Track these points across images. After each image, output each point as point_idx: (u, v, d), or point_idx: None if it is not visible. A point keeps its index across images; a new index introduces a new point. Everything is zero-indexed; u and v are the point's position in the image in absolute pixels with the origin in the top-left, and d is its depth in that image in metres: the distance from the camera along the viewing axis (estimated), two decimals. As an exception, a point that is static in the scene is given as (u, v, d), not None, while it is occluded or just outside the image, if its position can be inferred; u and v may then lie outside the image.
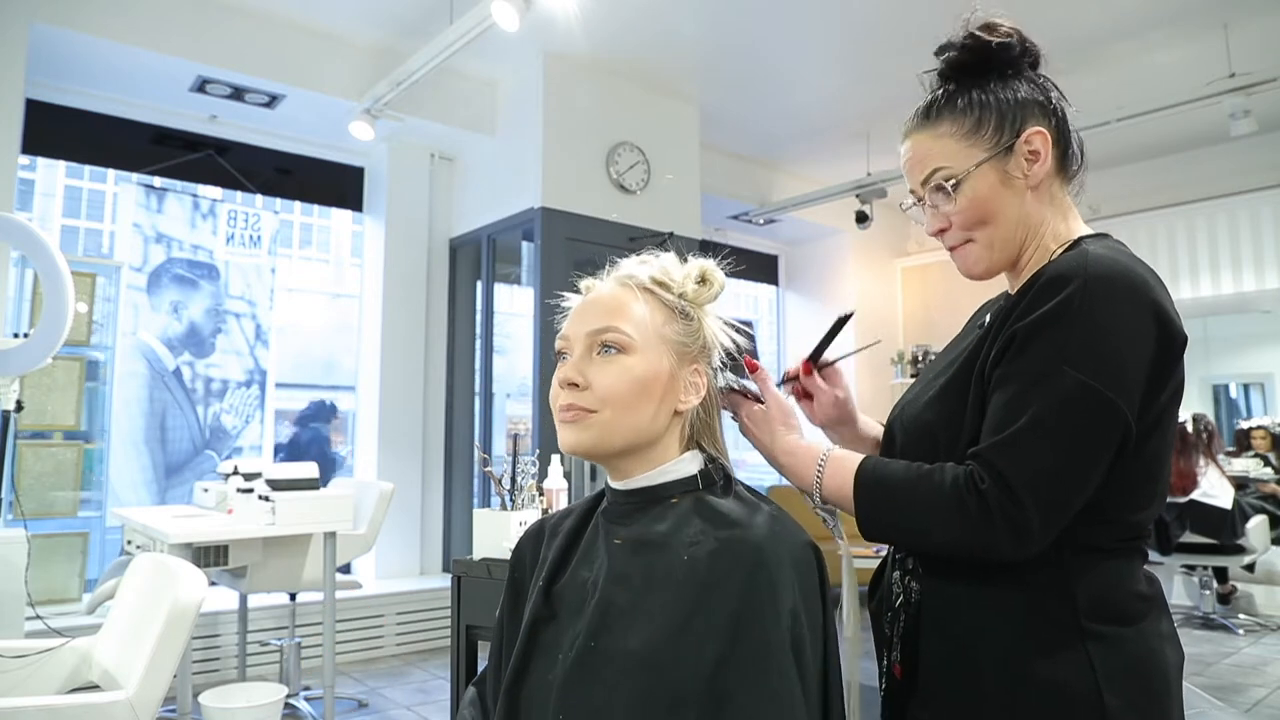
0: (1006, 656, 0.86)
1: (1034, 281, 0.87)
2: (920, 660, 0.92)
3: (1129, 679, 0.83)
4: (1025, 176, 0.93)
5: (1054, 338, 0.83)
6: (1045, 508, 0.80)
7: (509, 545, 2.13)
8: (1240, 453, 5.97)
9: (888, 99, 4.78)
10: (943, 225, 0.97)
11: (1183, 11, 3.93)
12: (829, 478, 0.93)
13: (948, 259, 1.02)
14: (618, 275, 0.97)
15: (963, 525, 0.82)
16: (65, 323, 2.52)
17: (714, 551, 0.85)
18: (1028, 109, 0.94)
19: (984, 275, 0.99)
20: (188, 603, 1.80)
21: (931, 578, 0.93)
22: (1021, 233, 0.95)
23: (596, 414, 0.90)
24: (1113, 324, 0.82)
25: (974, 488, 0.82)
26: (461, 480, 4.97)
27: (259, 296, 4.55)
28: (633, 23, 4.06)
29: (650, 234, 4.46)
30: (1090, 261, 0.84)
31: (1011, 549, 0.81)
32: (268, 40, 4.00)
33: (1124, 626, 0.85)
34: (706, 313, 0.97)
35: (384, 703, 3.52)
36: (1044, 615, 0.85)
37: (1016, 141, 0.93)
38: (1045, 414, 0.81)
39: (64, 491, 3.73)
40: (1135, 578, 0.89)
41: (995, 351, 0.88)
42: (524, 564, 1.02)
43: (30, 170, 6.65)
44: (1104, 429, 0.81)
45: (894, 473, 0.89)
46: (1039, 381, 0.82)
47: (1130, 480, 0.86)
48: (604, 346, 0.91)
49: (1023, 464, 0.81)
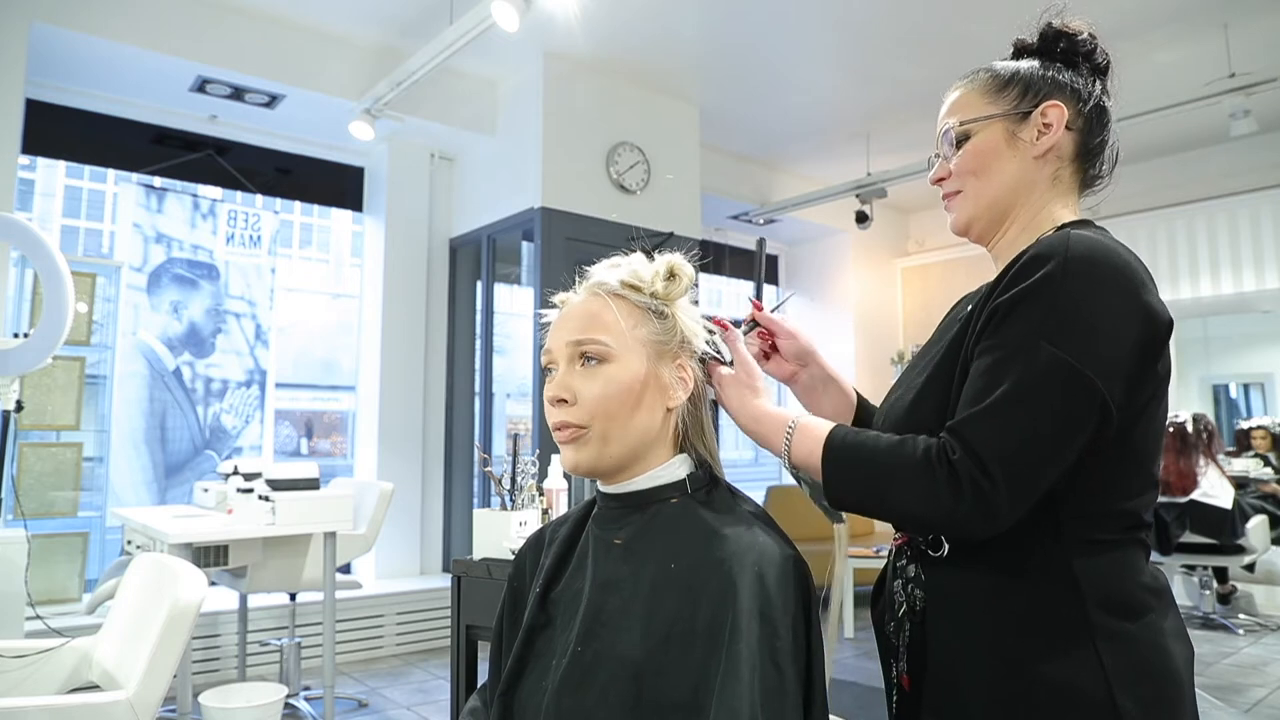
0: (1014, 659, 0.85)
1: (1017, 260, 0.88)
2: (928, 668, 0.91)
3: (1140, 679, 0.83)
4: (1033, 144, 0.95)
5: (1031, 313, 0.83)
6: (1013, 481, 0.79)
7: (509, 545, 2.13)
8: (1240, 453, 5.98)
9: (888, 99, 4.79)
10: (943, 174, 1.00)
11: (1183, 11, 3.93)
12: (797, 445, 0.92)
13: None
14: (589, 284, 0.97)
15: (932, 495, 0.81)
16: (65, 323, 2.52)
17: (694, 561, 0.85)
18: (1057, 88, 0.96)
19: (963, 229, 1.01)
20: (188, 603, 1.80)
21: (935, 584, 0.92)
22: (1011, 197, 0.96)
23: (589, 429, 0.91)
24: (1092, 302, 0.82)
25: (945, 458, 0.81)
26: (461, 480, 4.97)
27: (259, 296, 4.55)
28: (633, 23, 4.06)
29: (650, 234, 4.46)
30: (1072, 242, 0.84)
31: (979, 522, 0.80)
32: (267, 40, 4.00)
33: (1131, 621, 0.84)
34: (679, 307, 0.97)
35: (384, 703, 3.52)
36: (1050, 612, 0.84)
37: (1034, 111, 0.95)
38: (1018, 388, 0.80)
39: (64, 491, 3.73)
40: (1139, 570, 0.88)
41: (976, 330, 0.88)
42: (524, 572, 1.03)
43: (30, 170, 6.65)
44: (1078, 405, 0.80)
45: (864, 441, 0.88)
46: (1014, 356, 0.82)
47: (1120, 467, 0.86)
48: (585, 358, 0.91)
49: (994, 437, 0.80)
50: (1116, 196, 1.04)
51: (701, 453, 0.97)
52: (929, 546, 0.93)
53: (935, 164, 1.02)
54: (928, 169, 1.05)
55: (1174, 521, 4.63)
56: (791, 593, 0.84)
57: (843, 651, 4.38)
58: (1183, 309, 5.90)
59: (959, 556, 0.91)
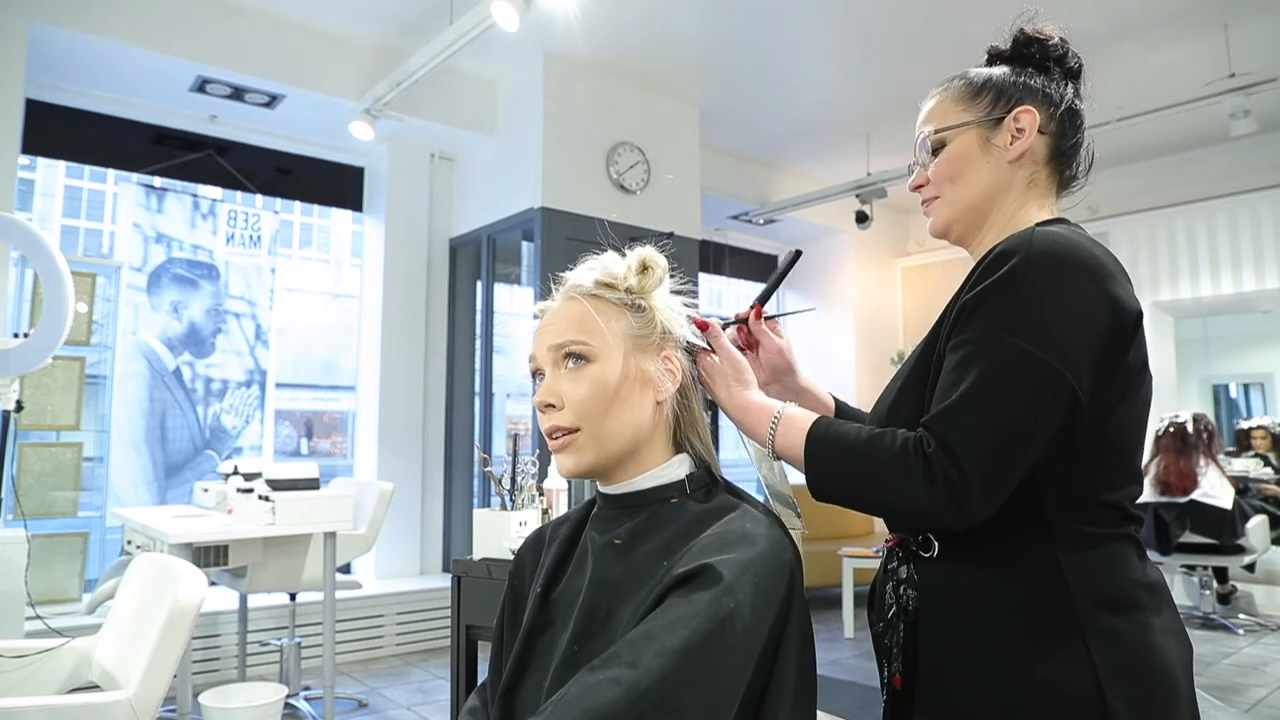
0: (1005, 656, 0.85)
1: (984, 258, 0.89)
2: (920, 668, 0.92)
3: (1132, 676, 0.83)
4: (1006, 149, 0.97)
5: (995, 307, 0.84)
6: (984, 472, 0.80)
7: (509, 545, 2.13)
8: (1240, 453, 5.98)
9: (888, 99, 4.79)
10: (921, 181, 1.03)
11: (1183, 11, 3.93)
12: (781, 435, 0.94)
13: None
14: (564, 289, 0.98)
15: (907, 487, 0.83)
16: (65, 323, 2.52)
17: (688, 562, 0.84)
18: (1029, 93, 0.98)
19: (942, 232, 1.04)
20: (188, 603, 1.80)
21: (926, 584, 0.93)
22: (986, 202, 0.99)
23: (579, 432, 0.91)
24: (1055, 293, 0.83)
25: (920, 451, 0.83)
26: (461, 480, 4.97)
27: (259, 296, 4.55)
28: (633, 23, 4.06)
29: (650, 234, 4.46)
30: (1036, 237, 0.86)
31: (953, 513, 0.81)
32: (267, 40, 4.00)
33: (1121, 617, 0.85)
34: (656, 299, 0.97)
35: (384, 703, 3.52)
36: (1039, 608, 0.85)
37: (1006, 117, 0.97)
38: (985, 380, 0.82)
39: (64, 491, 3.73)
40: (1130, 565, 0.88)
41: (948, 328, 0.90)
42: (524, 572, 1.03)
43: (30, 170, 6.65)
44: (1045, 395, 0.81)
45: (846, 433, 0.90)
46: (981, 349, 0.84)
47: (1099, 457, 0.87)
48: (569, 359, 0.92)
49: (963, 429, 0.82)
50: (1116, 196, 1.05)
51: (697, 447, 0.96)
52: (920, 547, 0.94)
53: (914, 170, 1.04)
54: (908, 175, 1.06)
55: (1174, 521, 4.63)
56: (778, 596, 0.82)
57: (842, 651, 4.38)
58: (1183, 309, 5.90)
59: (949, 555, 0.91)
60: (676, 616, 0.78)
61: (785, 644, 0.82)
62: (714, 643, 0.76)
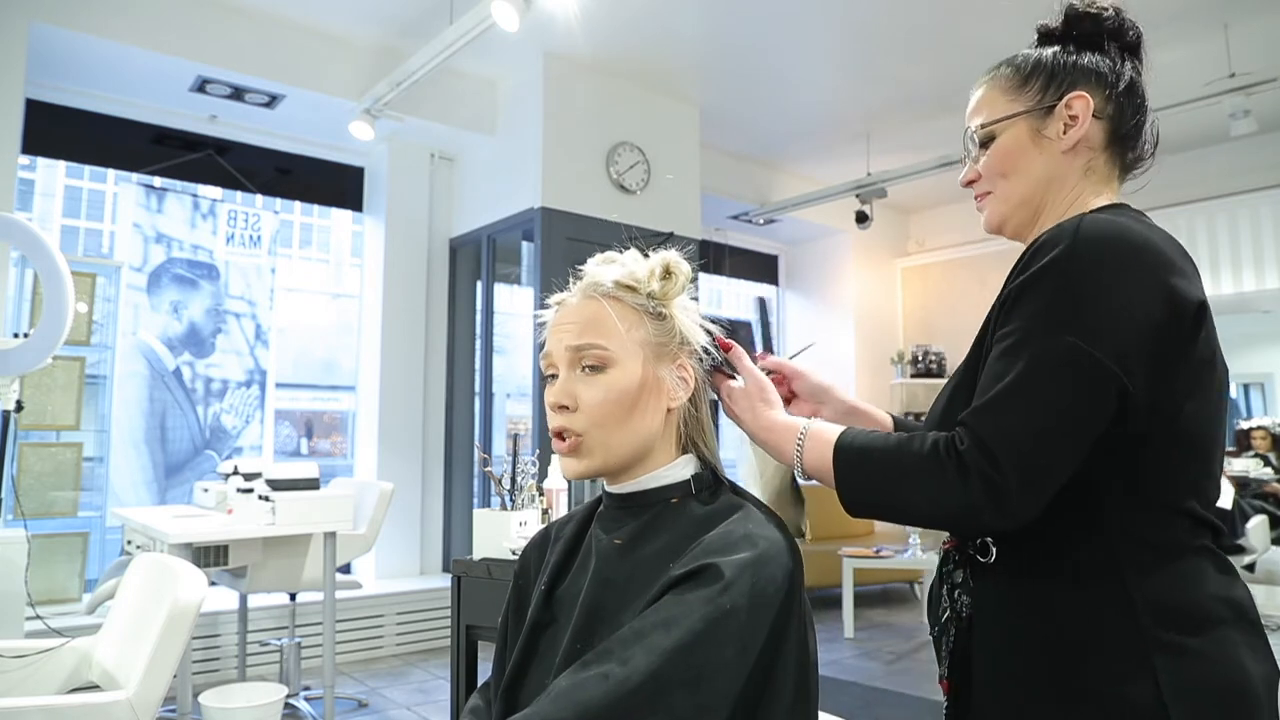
0: (1060, 669, 0.81)
1: (1029, 248, 0.86)
2: (973, 676, 0.88)
3: (1202, 698, 0.77)
4: (1059, 139, 0.92)
5: (1037, 298, 0.81)
6: (1023, 470, 0.76)
7: (509, 545, 2.13)
8: (1240, 453, 5.98)
9: (888, 99, 4.79)
10: (972, 176, 0.99)
11: (1183, 11, 3.93)
12: (809, 451, 0.90)
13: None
14: (584, 286, 0.95)
15: (941, 489, 0.79)
16: (65, 323, 2.52)
17: (690, 561, 0.84)
18: (1081, 75, 0.92)
19: (996, 229, 0.99)
20: (188, 603, 1.79)
21: (982, 590, 0.89)
22: (1041, 194, 0.94)
23: (588, 436, 0.90)
24: (1101, 284, 0.79)
25: (953, 450, 0.79)
26: (461, 480, 4.97)
27: (259, 296, 4.55)
28: (633, 23, 4.06)
29: (650, 234, 4.45)
30: (1083, 225, 0.82)
31: (991, 514, 0.77)
32: (267, 40, 4.00)
33: (1195, 635, 0.78)
34: (677, 306, 0.95)
35: (384, 703, 3.52)
36: (1100, 623, 0.80)
37: (1058, 104, 0.92)
38: (1026, 374, 0.78)
39: (64, 491, 3.73)
40: (1205, 578, 0.81)
41: (993, 324, 0.86)
42: (528, 570, 1.03)
43: (30, 170, 6.65)
44: (1090, 390, 0.77)
45: (874, 441, 0.86)
46: (1021, 342, 0.80)
47: (1169, 459, 0.81)
48: (585, 363, 0.90)
49: (1001, 425, 0.77)
50: (1116, 197, 1.04)
51: (702, 450, 0.96)
52: (978, 552, 0.90)
53: (965, 165, 1.00)
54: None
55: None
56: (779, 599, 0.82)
57: (843, 651, 4.38)
58: (1183, 309, 5.89)
59: (1006, 562, 0.87)
60: (671, 615, 0.77)
61: (785, 646, 0.81)
62: (708, 642, 0.76)
